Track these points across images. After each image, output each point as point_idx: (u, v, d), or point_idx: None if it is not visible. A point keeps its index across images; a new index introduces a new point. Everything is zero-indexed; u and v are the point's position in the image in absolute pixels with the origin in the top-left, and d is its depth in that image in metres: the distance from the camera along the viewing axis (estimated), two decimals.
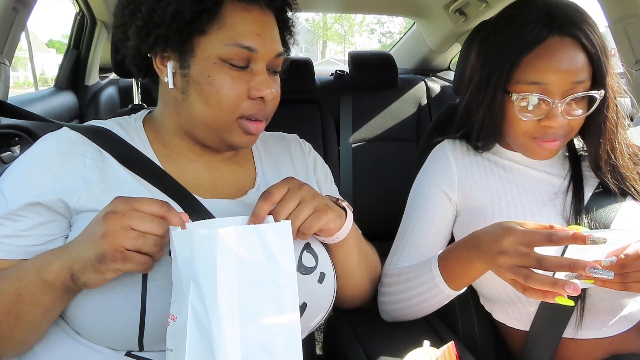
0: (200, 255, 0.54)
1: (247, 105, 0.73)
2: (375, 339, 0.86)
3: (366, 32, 35.67)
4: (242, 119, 0.74)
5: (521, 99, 0.84)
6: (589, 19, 0.83)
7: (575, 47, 0.80)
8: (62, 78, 2.09)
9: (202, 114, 0.73)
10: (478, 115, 0.92)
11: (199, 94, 0.72)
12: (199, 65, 0.71)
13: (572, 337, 0.86)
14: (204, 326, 0.53)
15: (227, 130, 0.75)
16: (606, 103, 0.84)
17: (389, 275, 0.92)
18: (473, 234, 0.78)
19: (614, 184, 0.87)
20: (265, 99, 0.74)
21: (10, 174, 0.71)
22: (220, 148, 0.79)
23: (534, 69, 0.82)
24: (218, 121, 0.73)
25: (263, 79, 0.73)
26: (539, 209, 0.88)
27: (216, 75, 0.71)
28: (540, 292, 0.64)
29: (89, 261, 0.59)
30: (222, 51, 0.70)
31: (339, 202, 0.79)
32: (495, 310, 0.95)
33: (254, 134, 0.76)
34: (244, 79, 0.72)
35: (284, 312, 0.56)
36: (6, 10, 1.13)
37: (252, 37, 0.71)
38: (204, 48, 0.71)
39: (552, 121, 0.82)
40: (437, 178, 0.97)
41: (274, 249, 0.56)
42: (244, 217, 0.67)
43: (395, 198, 1.11)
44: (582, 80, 0.81)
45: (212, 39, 0.71)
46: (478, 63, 0.91)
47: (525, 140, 0.88)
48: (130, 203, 0.60)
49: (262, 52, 0.72)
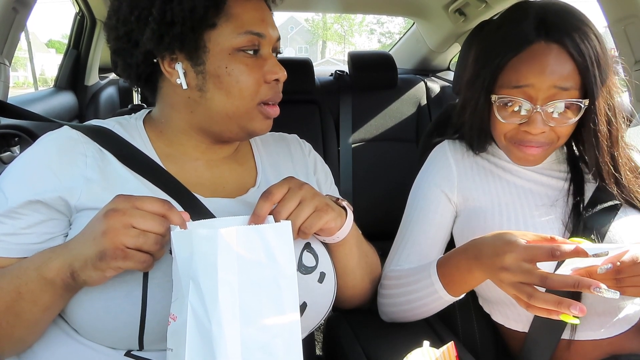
0: (200, 256, 0.54)
1: (265, 89, 0.76)
2: (375, 339, 0.86)
3: (366, 32, 35.70)
4: (260, 104, 0.76)
5: (501, 102, 0.84)
6: (586, 27, 0.80)
7: (561, 54, 0.79)
8: (62, 78, 2.09)
9: (224, 106, 0.75)
10: (466, 115, 0.93)
11: (219, 87, 0.74)
12: (214, 59, 0.73)
13: (569, 339, 0.86)
14: (204, 327, 0.53)
15: (248, 118, 0.77)
16: (593, 115, 0.81)
17: (388, 278, 0.92)
18: (473, 242, 0.77)
19: (618, 193, 0.86)
20: (280, 80, 0.78)
21: (10, 171, 0.71)
22: (239, 137, 0.81)
23: (517, 72, 0.81)
24: (240, 110, 0.75)
25: (274, 62, 0.77)
26: (539, 212, 0.88)
27: (234, 65, 0.73)
28: (544, 309, 0.64)
29: (90, 259, 0.59)
30: (235, 41, 0.73)
31: (339, 202, 0.79)
32: (494, 312, 0.95)
33: (272, 118, 0.79)
34: (257, 65, 0.75)
35: (284, 312, 0.56)
36: (6, 11, 1.13)
37: (258, 23, 0.75)
38: (217, 41, 0.73)
39: (532, 127, 0.81)
40: (437, 179, 0.97)
41: (274, 249, 0.56)
42: (244, 217, 0.67)
43: (395, 198, 1.11)
44: (567, 87, 0.79)
45: (223, 31, 0.73)
46: (471, 63, 0.92)
47: (506, 144, 0.88)
48: (131, 201, 0.60)
49: (268, 37, 0.76)
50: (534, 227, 0.86)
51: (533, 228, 0.86)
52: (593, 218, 0.86)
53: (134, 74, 0.78)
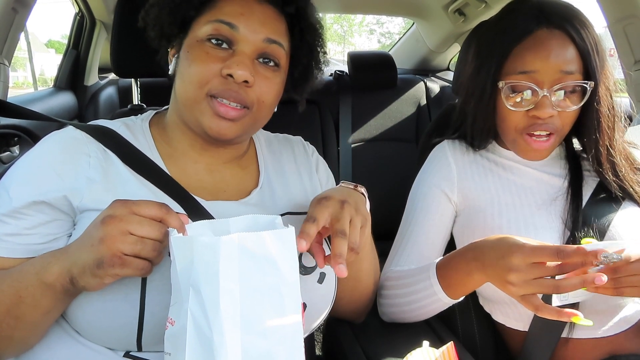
0: (201, 264, 0.53)
1: (216, 82, 0.71)
2: (375, 340, 0.86)
3: (365, 32, 35.67)
4: (209, 97, 0.72)
5: (509, 88, 0.85)
6: (582, 17, 0.84)
7: (564, 39, 0.82)
8: (62, 78, 2.09)
9: (179, 92, 0.75)
10: (469, 107, 0.93)
11: (180, 72, 0.75)
12: (185, 46, 0.75)
13: (568, 337, 0.86)
14: (204, 335, 0.52)
15: (199, 110, 0.72)
16: (597, 97, 0.84)
17: (388, 279, 0.92)
18: (473, 245, 0.77)
19: (615, 182, 0.87)
20: (235, 79, 0.70)
21: (14, 171, 0.70)
22: (203, 135, 0.76)
23: (523, 58, 0.83)
24: (189, 97, 0.73)
25: (240, 59, 0.71)
26: (539, 211, 0.88)
27: (195, 51, 0.73)
28: (554, 311, 0.66)
29: (88, 266, 0.58)
30: (204, 28, 0.73)
31: (357, 189, 0.77)
32: (495, 311, 0.95)
33: (225, 118, 0.72)
34: (220, 57, 0.72)
35: (286, 319, 0.55)
36: (5, 11, 1.13)
37: (234, 15, 0.73)
38: (194, 29, 0.75)
39: (541, 111, 0.82)
40: (437, 178, 0.97)
41: (276, 256, 0.55)
42: (243, 217, 0.66)
43: (395, 198, 1.11)
44: (571, 71, 0.81)
45: (202, 20, 0.74)
46: (472, 57, 0.93)
47: (516, 136, 0.88)
48: (128, 206, 0.59)
49: (244, 32, 0.72)
50: (533, 225, 0.86)
51: (533, 226, 0.86)
52: (592, 215, 0.86)
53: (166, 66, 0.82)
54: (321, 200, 0.67)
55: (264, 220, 0.64)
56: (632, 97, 1.35)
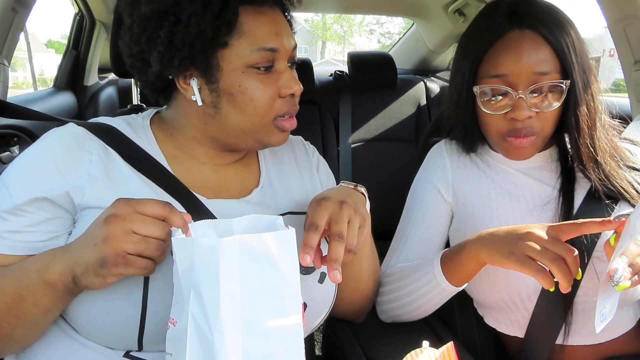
0: (202, 265, 0.53)
1: (280, 104, 0.75)
2: (374, 339, 0.86)
3: (365, 32, 35.69)
4: (276, 119, 0.75)
5: (483, 92, 0.84)
6: (559, 15, 0.83)
7: (536, 39, 0.80)
8: (61, 78, 2.09)
9: (239, 123, 0.74)
10: (451, 112, 0.93)
11: (233, 104, 0.72)
12: (227, 78, 0.71)
13: (564, 344, 0.85)
14: (205, 336, 0.52)
15: (264, 133, 0.76)
16: (574, 95, 0.82)
17: (388, 275, 0.92)
18: (480, 232, 0.79)
19: (600, 183, 0.85)
20: (295, 95, 0.76)
21: (15, 168, 0.70)
22: (255, 149, 0.84)
23: (495, 62, 0.82)
24: (255, 126, 0.74)
25: (289, 76, 0.75)
26: (530, 215, 0.88)
27: (247, 83, 0.71)
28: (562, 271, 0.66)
29: (91, 265, 0.58)
30: (248, 59, 0.71)
31: (357, 188, 0.78)
32: (487, 315, 0.95)
33: (289, 130, 0.79)
34: (272, 80, 0.74)
35: (286, 321, 0.55)
36: (5, 11, 1.13)
37: (272, 38, 0.72)
38: (229, 60, 0.71)
39: (518, 113, 0.81)
40: (433, 177, 0.97)
41: (277, 258, 0.55)
42: (245, 217, 0.66)
43: (394, 198, 1.11)
44: (546, 71, 0.80)
45: (236, 49, 0.70)
46: (453, 62, 0.93)
47: (498, 140, 0.87)
48: (132, 205, 0.59)
49: (283, 50, 0.74)
50: None
51: None
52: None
53: (150, 88, 0.78)
54: (320, 201, 0.67)
55: (265, 220, 0.64)
56: (632, 97, 1.35)
